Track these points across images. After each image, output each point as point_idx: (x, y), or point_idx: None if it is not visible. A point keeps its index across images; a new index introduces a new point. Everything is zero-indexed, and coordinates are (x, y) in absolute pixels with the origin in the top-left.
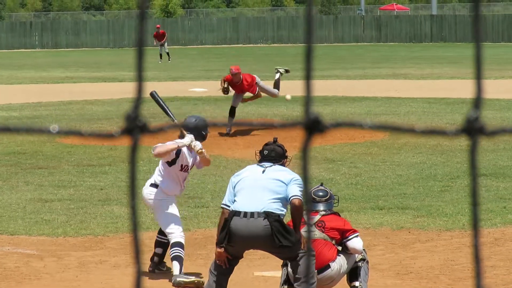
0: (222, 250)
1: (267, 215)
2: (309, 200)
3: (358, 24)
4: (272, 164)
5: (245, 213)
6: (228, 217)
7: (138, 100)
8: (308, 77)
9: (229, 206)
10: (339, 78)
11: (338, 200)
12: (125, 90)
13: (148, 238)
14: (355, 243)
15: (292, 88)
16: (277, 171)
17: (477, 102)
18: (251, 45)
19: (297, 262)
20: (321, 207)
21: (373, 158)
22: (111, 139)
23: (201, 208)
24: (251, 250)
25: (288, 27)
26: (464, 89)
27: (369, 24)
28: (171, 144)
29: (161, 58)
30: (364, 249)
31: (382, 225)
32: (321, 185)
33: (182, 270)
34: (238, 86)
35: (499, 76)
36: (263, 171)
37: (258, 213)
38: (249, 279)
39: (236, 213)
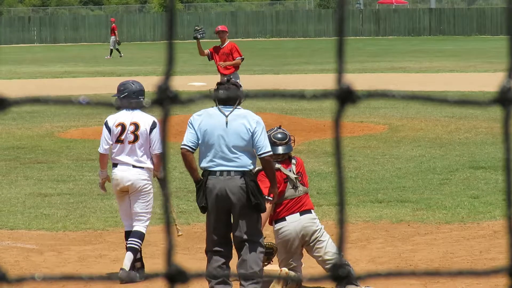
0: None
1: (244, 173)
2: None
3: (356, 17)
4: (231, 107)
5: (221, 172)
6: (203, 177)
7: (168, 71)
8: (340, 49)
9: (190, 147)
10: None
11: (294, 140)
12: None
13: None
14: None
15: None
16: (240, 118)
17: (511, 71)
18: (250, 39)
19: (245, 249)
20: (281, 150)
21: (372, 151)
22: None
23: None
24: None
25: (287, 21)
26: (463, 82)
27: (368, 17)
28: None
29: (114, 52)
30: (348, 262)
31: (382, 218)
32: (279, 127)
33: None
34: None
35: (498, 69)
36: (226, 122)
37: (235, 171)
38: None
39: (211, 173)
